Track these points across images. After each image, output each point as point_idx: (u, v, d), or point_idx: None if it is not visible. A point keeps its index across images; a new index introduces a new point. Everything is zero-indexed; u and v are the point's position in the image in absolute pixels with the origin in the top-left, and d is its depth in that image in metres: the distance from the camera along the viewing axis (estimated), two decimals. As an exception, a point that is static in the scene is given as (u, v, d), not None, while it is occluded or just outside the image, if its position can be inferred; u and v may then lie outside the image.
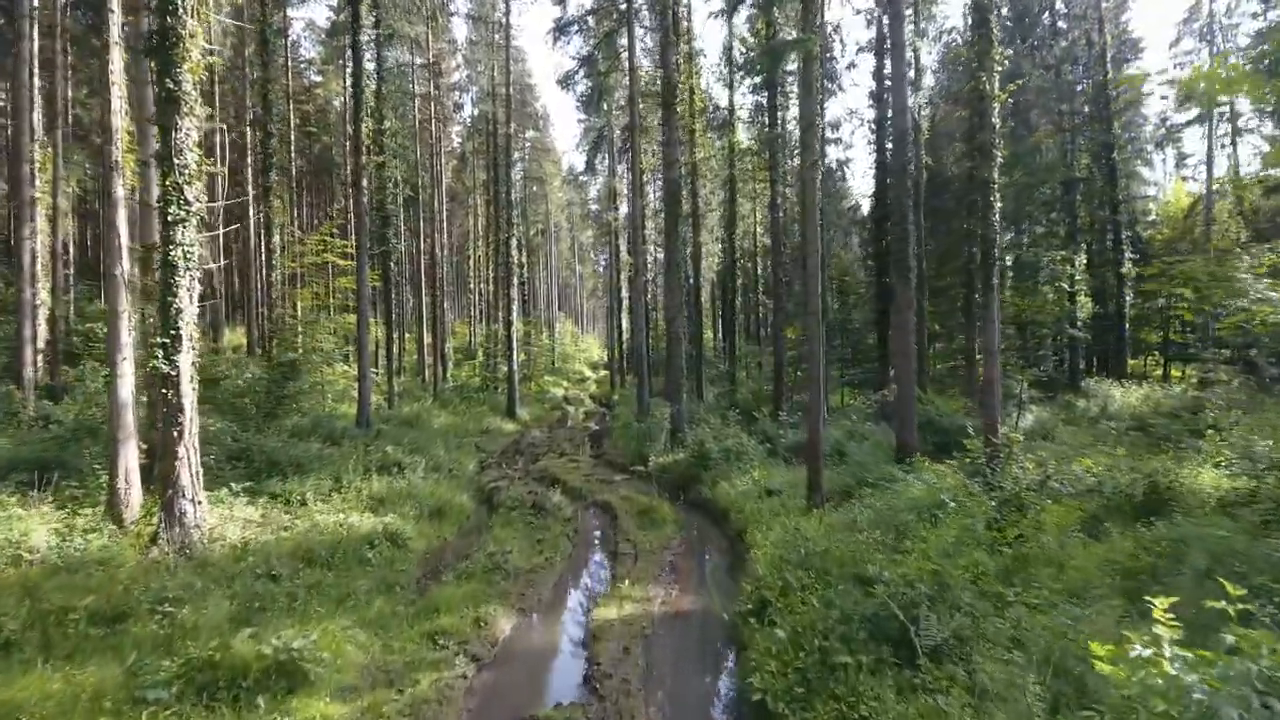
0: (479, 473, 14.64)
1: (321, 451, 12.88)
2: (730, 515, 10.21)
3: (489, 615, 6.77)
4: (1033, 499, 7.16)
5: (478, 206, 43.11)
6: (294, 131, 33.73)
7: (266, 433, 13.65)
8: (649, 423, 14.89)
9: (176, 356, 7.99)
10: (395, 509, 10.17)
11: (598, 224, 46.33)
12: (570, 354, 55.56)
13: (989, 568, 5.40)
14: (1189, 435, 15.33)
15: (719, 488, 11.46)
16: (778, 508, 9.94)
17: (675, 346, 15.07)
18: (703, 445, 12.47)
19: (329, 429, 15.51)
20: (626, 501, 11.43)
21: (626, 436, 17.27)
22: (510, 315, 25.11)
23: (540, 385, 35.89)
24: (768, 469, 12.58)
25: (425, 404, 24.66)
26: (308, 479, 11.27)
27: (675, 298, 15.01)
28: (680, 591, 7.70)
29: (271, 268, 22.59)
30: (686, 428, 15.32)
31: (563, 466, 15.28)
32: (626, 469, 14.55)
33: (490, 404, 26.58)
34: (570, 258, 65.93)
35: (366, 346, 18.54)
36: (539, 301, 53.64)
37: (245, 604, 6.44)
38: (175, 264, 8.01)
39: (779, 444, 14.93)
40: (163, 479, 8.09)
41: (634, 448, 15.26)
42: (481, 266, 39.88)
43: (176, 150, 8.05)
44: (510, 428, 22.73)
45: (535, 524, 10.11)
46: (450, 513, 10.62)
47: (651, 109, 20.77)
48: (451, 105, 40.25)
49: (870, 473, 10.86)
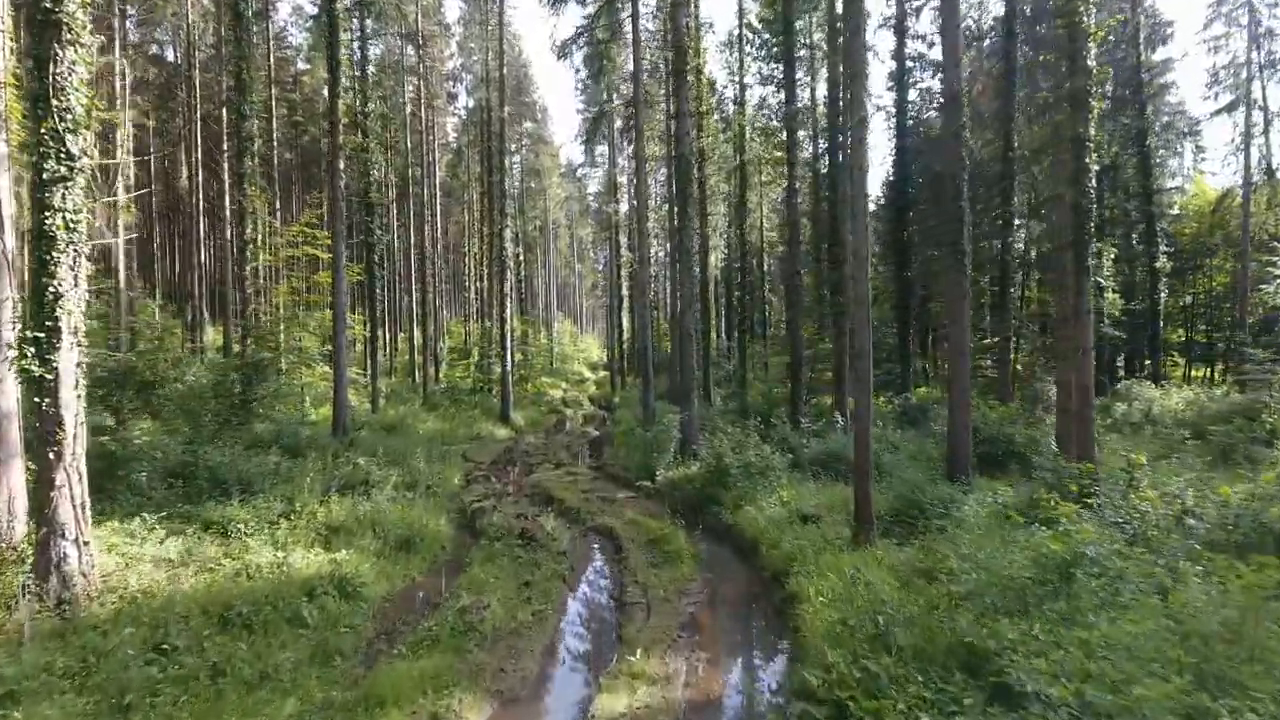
0: (463, 488, 12.74)
1: (280, 466, 10.98)
2: (761, 548, 8.32)
3: (454, 709, 4.89)
4: (1176, 544, 5.32)
5: (473, 201, 41.22)
6: (278, 120, 31.84)
7: (224, 442, 11.79)
8: (655, 431, 13.05)
9: (53, 355, 6.09)
10: (354, 541, 8.28)
11: (597, 220, 44.54)
12: (569, 354, 53.67)
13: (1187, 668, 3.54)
14: (1254, 442, 13.58)
15: (742, 512, 9.59)
16: (818, 540, 8.07)
17: (686, 345, 13.21)
18: (720, 459, 10.58)
19: (296, 437, 13.62)
20: (633, 527, 9.55)
21: (630, 445, 15.40)
22: (504, 312, 23.22)
23: (537, 386, 34.02)
24: (795, 487, 10.71)
25: (413, 407, 22.78)
26: (256, 501, 9.41)
27: (686, 290, 13.18)
28: (709, 665, 5.80)
29: (246, 261, 20.71)
30: (699, 437, 13.44)
31: (559, 480, 13.41)
32: (631, 484, 12.68)
33: (483, 407, 24.70)
34: (569, 255, 64.05)
35: (344, 346, 16.65)
36: (537, 301, 51.76)
37: (106, 703, 4.55)
38: (53, 235, 6.11)
39: (802, 455, 13.06)
40: (37, 514, 6.20)
41: (639, 459, 13.40)
42: (477, 263, 37.93)
43: (56, 89, 6.15)
44: (503, 434, 20.84)
45: (523, 559, 8.22)
46: (422, 544, 8.72)
47: (655, 86, 18.97)
48: (445, 96, 38.37)
49: (923, 493, 8.99)
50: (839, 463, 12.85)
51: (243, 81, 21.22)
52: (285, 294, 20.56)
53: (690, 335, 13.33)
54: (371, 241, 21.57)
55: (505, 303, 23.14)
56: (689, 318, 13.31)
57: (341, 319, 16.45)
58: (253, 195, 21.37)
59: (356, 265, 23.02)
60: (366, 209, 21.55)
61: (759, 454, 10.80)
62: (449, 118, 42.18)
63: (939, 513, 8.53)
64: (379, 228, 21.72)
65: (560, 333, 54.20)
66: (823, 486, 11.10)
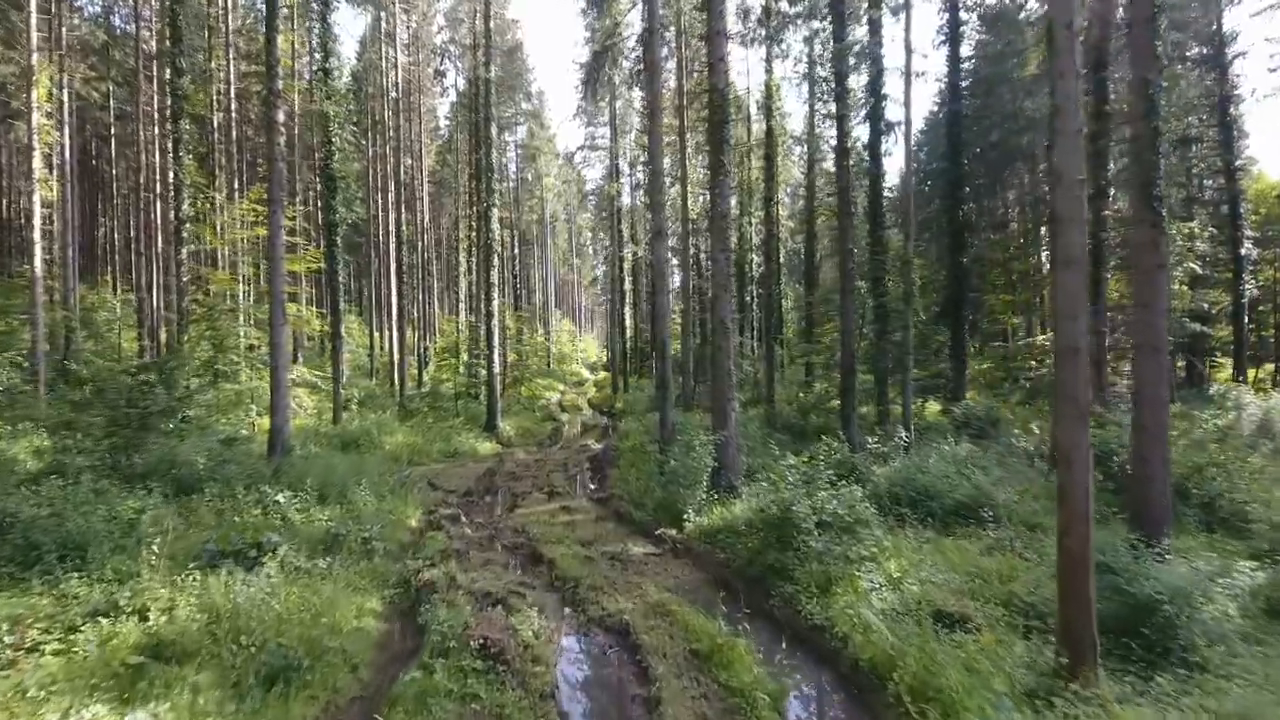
0: (418, 539, 9.10)
1: (142, 516, 7.36)
2: (893, 687, 4.69)
3: None
4: None
5: (463, 190, 37.62)
6: (245, 99, 28.20)
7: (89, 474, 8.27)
8: (680, 455, 9.48)
9: None
10: (185, 676, 4.67)
11: (597, 207, 40.93)
12: (567, 354, 50.09)
13: None
14: None
15: (835, 600, 5.97)
16: (993, 671, 4.53)
17: (722, 340, 9.58)
18: (787, 507, 6.98)
19: (196, 464, 10.03)
20: (663, 622, 5.95)
21: (642, 469, 11.82)
22: (490, 304, 19.62)
23: (532, 389, 30.41)
24: (897, 546, 7.15)
25: (384, 416, 19.18)
26: (71, 582, 5.85)
27: (720, 267, 9.61)
28: None
29: (183, 242, 17.09)
30: (738, 463, 9.83)
31: (550, 522, 9.80)
32: (649, 531, 9.09)
33: (467, 414, 21.10)
34: (568, 251, 60.45)
35: (283, 343, 13.06)
36: (534, 298, 48.15)
37: None
38: None
39: (876, 486, 9.51)
40: None
41: (658, 494, 9.79)
42: (468, 255, 34.34)
43: None
44: (487, 448, 17.24)
45: (479, 709, 4.63)
46: (316, 669, 5.11)
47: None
48: (433, 73, 34.77)
49: (1119, 572, 5.43)
50: (930, 500, 9.29)
51: (178, 29, 17.68)
52: (226, 281, 16.93)
53: (726, 327, 9.73)
54: (334, 220, 17.97)
55: (492, 293, 19.55)
56: (725, 303, 9.70)
57: (279, 309, 12.86)
58: (190, 167, 17.78)
59: (315, 251, 19.43)
60: (328, 182, 17.96)
61: (840, 499, 7.19)
62: (439, 101, 38.60)
63: (1173, 617, 4.98)
64: (342, 204, 18.10)
65: (558, 332, 50.62)
66: (930, 541, 7.52)
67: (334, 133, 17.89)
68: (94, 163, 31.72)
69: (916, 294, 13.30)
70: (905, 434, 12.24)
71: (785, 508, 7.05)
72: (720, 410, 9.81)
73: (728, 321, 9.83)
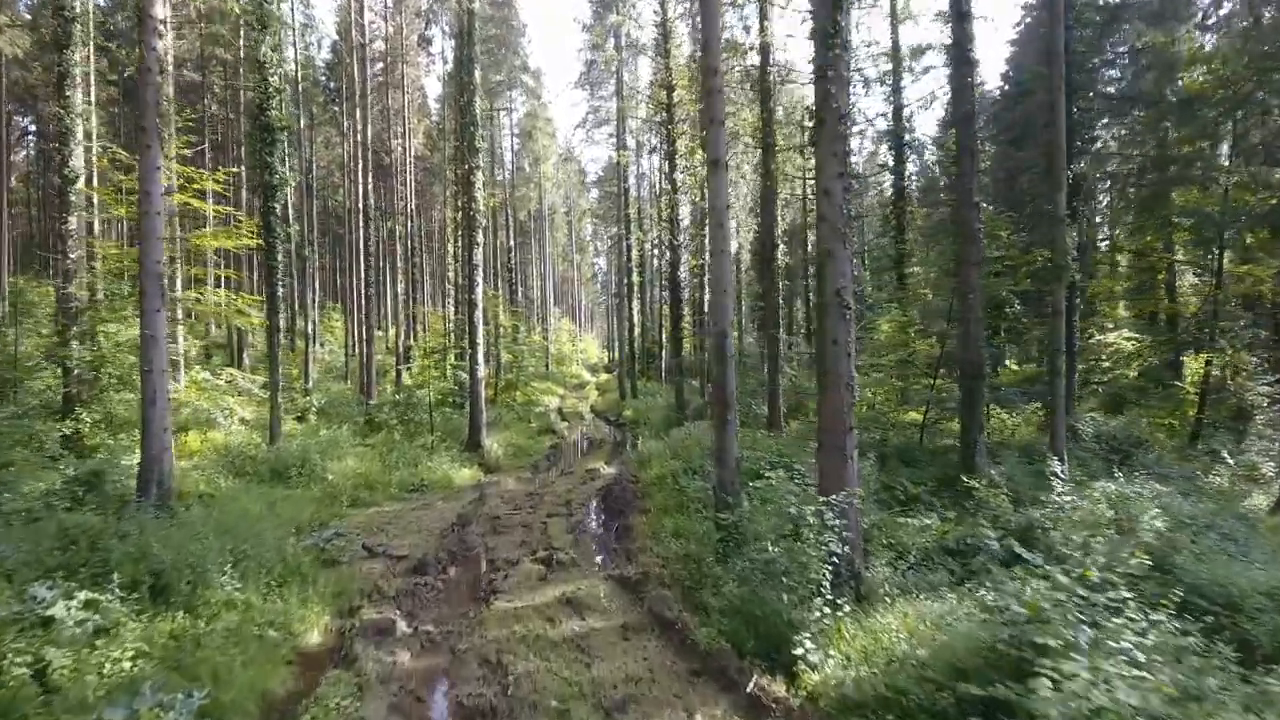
0: (305, 687, 4.91)
1: None
2: None
3: None
4: None
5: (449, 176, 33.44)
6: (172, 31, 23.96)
7: None
8: (757, 518, 5.34)
9: None
10: None
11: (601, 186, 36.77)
12: (567, 355, 45.94)
13: None
14: None
15: None
16: None
17: (835, 324, 5.31)
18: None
19: None
20: None
21: (687, 525, 7.65)
22: (473, 293, 15.45)
23: (527, 394, 26.20)
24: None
25: (340, 431, 14.99)
26: None
27: (837, 202, 5.45)
28: None
29: (70, 207, 12.88)
30: (859, 536, 5.67)
31: (548, 643, 5.60)
32: (727, 672, 4.90)
33: (446, 427, 16.91)
34: (567, 247, 56.26)
35: (162, 337, 8.87)
36: (532, 295, 43.95)
37: None
38: None
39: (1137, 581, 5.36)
40: None
41: (732, 589, 5.49)
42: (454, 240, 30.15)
43: None
44: (465, 476, 13.03)
45: None
46: None
47: None
48: (417, 39, 30.60)
49: None
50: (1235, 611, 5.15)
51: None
52: (115, 256, 12.67)
53: (843, 305, 5.56)
54: (272, 183, 13.76)
55: (475, 278, 15.37)
56: (840, 263, 5.50)
57: (153, 287, 8.72)
58: (82, 111, 13.58)
59: (250, 221, 15.22)
60: (264, 134, 13.76)
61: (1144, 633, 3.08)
62: (424, 74, 34.40)
63: None
64: (280, 160, 13.91)
65: (557, 331, 46.45)
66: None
67: (270, 70, 13.72)
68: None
69: (1070, 266, 9.12)
70: (1060, 465, 8.07)
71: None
72: (833, 454, 5.63)
73: (845, 294, 5.67)
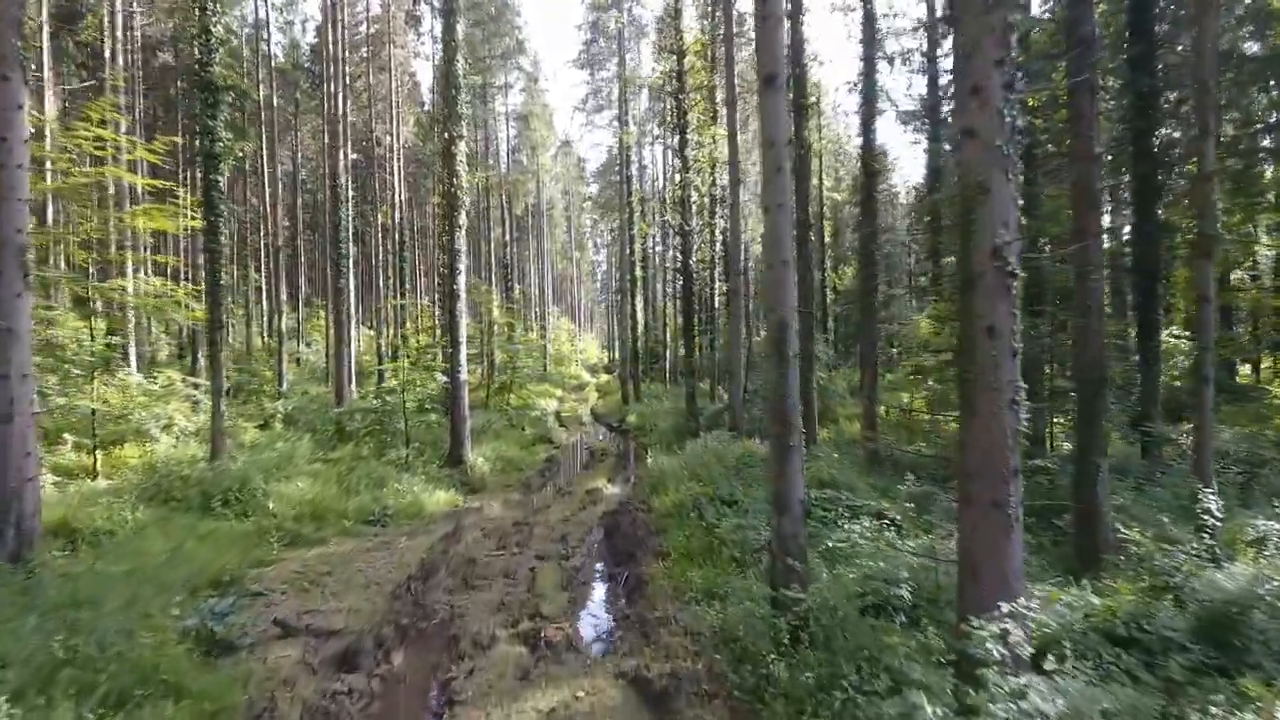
0: None
1: None
2: None
3: None
4: None
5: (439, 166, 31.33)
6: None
7: None
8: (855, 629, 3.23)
9: None
10: None
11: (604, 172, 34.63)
12: (566, 355, 43.73)
13: None
14: None
15: None
16: None
17: (996, 303, 3.28)
18: None
19: None
20: None
21: (729, 595, 5.49)
22: (454, 282, 13.24)
23: (523, 398, 23.98)
24: None
25: (301, 444, 12.77)
26: None
27: (1001, 123, 3.37)
28: None
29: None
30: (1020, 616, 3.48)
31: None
32: None
33: (427, 438, 14.72)
34: (567, 244, 54.05)
35: (23, 336, 6.66)
36: (530, 292, 41.74)
37: None
38: None
39: None
40: None
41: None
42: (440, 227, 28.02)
43: None
44: (439, 501, 10.79)
45: None
46: None
47: None
48: (405, 17, 28.40)
49: None
50: None
51: None
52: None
53: (1006, 277, 3.45)
54: (214, 151, 11.53)
55: (457, 264, 13.16)
56: (1001, 208, 3.43)
57: (11, 268, 6.50)
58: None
59: (193, 199, 12.98)
60: (204, 94, 11.53)
61: None
62: (413, 56, 32.18)
63: None
64: (223, 125, 11.68)
65: (556, 330, 44.23)
66: None
67: (213, 16, 11.50)
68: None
69: (1223, 236, 6.90)
70: (1213, 496, 5.82)
71: None
72: (988, 514, 3.41)
73: (1007, 254, 3.47)
